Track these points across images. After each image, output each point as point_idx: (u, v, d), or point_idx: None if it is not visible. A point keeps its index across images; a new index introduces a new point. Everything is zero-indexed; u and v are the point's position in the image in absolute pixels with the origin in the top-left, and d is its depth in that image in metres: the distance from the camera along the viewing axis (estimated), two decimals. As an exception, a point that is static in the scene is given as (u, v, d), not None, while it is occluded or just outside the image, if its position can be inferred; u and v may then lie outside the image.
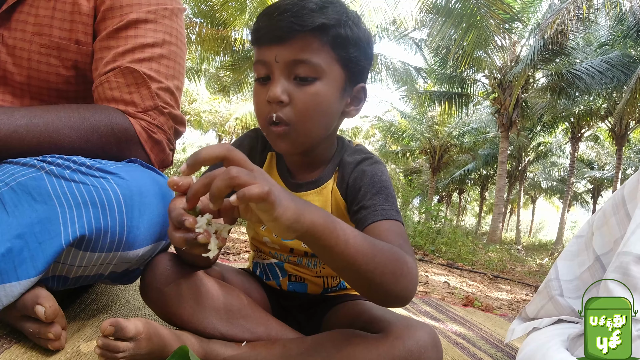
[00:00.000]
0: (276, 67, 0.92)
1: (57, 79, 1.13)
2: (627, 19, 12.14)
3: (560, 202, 30.84)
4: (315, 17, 0.90)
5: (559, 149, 25.36)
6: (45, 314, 0.83)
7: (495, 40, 11.77)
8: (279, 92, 0.91)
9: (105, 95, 1.09)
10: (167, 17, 1.15)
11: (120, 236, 0.90)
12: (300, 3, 0.91)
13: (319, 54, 0.92)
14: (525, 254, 14.27)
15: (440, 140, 20.41)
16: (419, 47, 16.08)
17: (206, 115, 26.19)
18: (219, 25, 11.37)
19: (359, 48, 0.97)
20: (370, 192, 0.98)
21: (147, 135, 1.09)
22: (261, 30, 0.94)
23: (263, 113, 0.95)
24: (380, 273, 0.78)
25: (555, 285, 1.17)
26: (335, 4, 0.95)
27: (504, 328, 2.37)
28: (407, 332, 0.88)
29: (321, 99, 0.94)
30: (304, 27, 0.90)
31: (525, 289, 5.23)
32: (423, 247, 7.66)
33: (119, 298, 1.34)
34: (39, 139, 0.96)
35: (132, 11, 1.10)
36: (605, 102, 15.76)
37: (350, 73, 0.98)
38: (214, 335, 0.96)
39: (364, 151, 1.09)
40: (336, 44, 0.93)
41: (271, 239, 1.11)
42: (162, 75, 1.12)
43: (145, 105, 1.10)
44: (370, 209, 0.95)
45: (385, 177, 1.02)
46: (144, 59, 1.10)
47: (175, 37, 1.17)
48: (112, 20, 1.10)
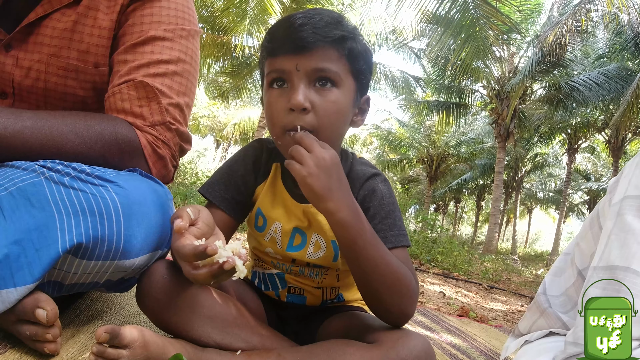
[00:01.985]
0: (297, 75, 0.94)
1: (74, 98, 1.16)
2: (625, 31, 12.24)
3: (556, 213, 30.89)
4: (334, 30, 0.94)
5: (556, 160, 25.48)
6: (47, 317, 0.84)
7: (494, 51, 11.83)
8: (302, 99, 0.93)
9: (115, 106, 1.11)
10: (184, 37, 1.18)
11: (117, 245, 0.90)
12: (317, 17, 0.95)
13: (337, 64, 0.96)
14: (521, 265, 14.28)
15: (437, 149, 20.47)
16: (417, 57, 16.16)
17: (204, 120, 26.23)
18: (219, 31, 11.39)
19: (366, 61, 1.02)
20: (380, 215, 1.02)
21: (151, 150, 1.10)
22: (279, 41, 0.96)
23: (281, 121, 0.96)
24: (391, 289, 0.91)
25: (543, 300, 1.19)
26: (344, 19, 1.00)
27: (498, 339, 2.38)
28: (401, 341, 0.89)
29: (340, 106, 0.97)
30: (326, 38, 0.93)
31: (521, 300, 5.24)
32: (419, 256, 7.66)
33: (114, 304, 1.34)
34: (42, 141, 0.96)
35: (151, 29, 1.13)
36: (602, 114, 15.85)
37: (360, 84, 1.03)
38: (209, 344, 0.96)
39: (369, 164, 1.11)
40: (351, 56, 0.98)
41: (274, 250, 1.11)
42: (173, 92, 1.14)
43: (153, 120, 1.11)
44: (379, 234, 0.97)
45: (393, 197, 1.06)
46: (157, 74, 1.12)
47: (190, 56, 1.19)
48: (132, 35, 1.13)
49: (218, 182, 1.09)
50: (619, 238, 0.89)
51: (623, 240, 0.88)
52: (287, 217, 1.08)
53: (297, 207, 1.07)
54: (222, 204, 1.06)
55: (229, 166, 1.11)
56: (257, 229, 1.11)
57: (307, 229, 1.08)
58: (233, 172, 1.10)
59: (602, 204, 1.08)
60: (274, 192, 1.10)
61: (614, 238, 0.90)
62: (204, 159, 23.95)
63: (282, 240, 1.09)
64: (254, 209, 1.12)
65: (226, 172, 1.10)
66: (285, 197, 1.09)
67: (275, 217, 1.09)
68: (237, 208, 1.09)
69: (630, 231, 0.87)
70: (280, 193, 1.09)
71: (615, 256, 0.88)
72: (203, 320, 0.96)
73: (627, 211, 0.89)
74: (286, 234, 1.08)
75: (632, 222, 0.88)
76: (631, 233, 0.87)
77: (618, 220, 0.90)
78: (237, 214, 1.09)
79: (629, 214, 0.89)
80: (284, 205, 1.09)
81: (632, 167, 0.94)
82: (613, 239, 0.90)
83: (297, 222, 1.08)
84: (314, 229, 1.07)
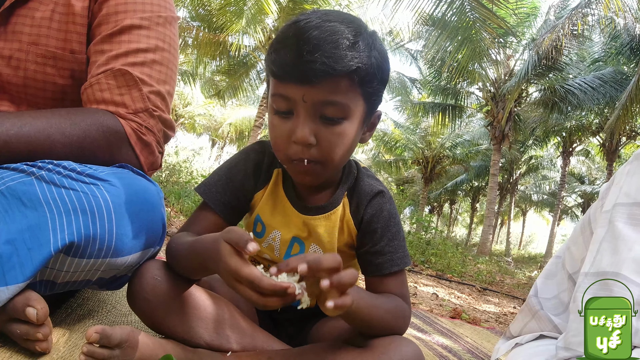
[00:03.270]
0: (302, 106, 0.88)
1: (54, 87, 1.14)
2: (620, 36, 12.29)
3: (550, 216, 30.95)
4: (349, 59, 0.85)
5: (550, 162, 25.56)
6: (37, 316, 0.83)
7: (490, 54, 11.86)
8: (307, 135, 0.88)
9: (94, 96, 1.09)
10: (160, 24, 1.16)
11: (109, 243, 0.90)
12: (332, 38, 0.84)
13: (347, 95, 0.89)
14: (514, 267, 14.33)
15: (433, 151, 20.50)
16: (414, 58, 16.19)
17: (200, 119, 26.17)
18: (216, 30, 11.37)
19: (381, 80, 0.94)
20: (387, 237, 1.03)
21: (136, 137, 1.09)
22: (287, 67, 0.86)
23: (285, 150, 0.93)
24: (388, 327, 0.95)
25: (535, 302, 1.20)
26: (364, 33, 0.90)
27: (490, 341, 2.39)
28: (392, 347, 0.90)
29: (348, 138, 0.93)
30: (338, 71, 0.84)
31: (514, 302, 5.26)
32: (413, 257, 7.67)
33: (106, 304, 1.34)
34: (29, 147, 0.96)
35: (127, 17, 1.11)
36: (597, 117, 15.92)
37: (371, 105, 0.96)
38: (200, 345, 0.96)
39: (375, 177, 1.09)
40: (364, 82, 0.90)
41: (272, 257, 1.10)
42: (153, 80, 1.13)
43: (136, 107, 1.10)
44: (387, 256, 1.01)
45: (398, 216, 1.07)
46: (136, 63, 1.11)
47: (168, 44, 1.18)
48: (107, 25, 1.11)
49: (216, 184, 1.06)
50: (610, 245, 0.90)
51: (614, 247, 0.89)
52: (287, 227, 1.06)
53: (298, 217, 1.05)
54: (217, 207, 1.04)
55: (229, 169, 1.08)
56: (255, 234, 1.10)
57: (306, 239, 1.07)
58: (232, 175, 1.07)
59: (593, 209, 1.09)
60: (274, 200, 1.08)
61: (605, 246, 0.91)
62: (199, 158, 23.90)
63: (280, 248, 1.08)
64: (253, 215, 1.10)
65: (225, 175, 1.07)
66: (286, 206, 1.07)
67: (274, 226, 1.07)
68: (232, 212, 1.07)
69: (621, 238, 0.88)
70: (281, 201, 1.07)
71: (606, 263, 0.89)
72: (194, 321, 0.96)
73: (619, 218, 0.90)
74: (285, 243, 1.07)
75: (622, 229, 0.89)
76: (622, 240, 0.88)
77: (610, 228, 0.91)
78: (231, 218, 1.07)
79: (620, 221, 0.90)
80: (284, 214, 1.07)
81: (623, 175, 0.95)
82: (605, 247, 0.91)
83: (297, 232, 1.06)
84: (312, 240, 1.06)
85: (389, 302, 0.97)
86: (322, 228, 1.04)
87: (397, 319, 0.97)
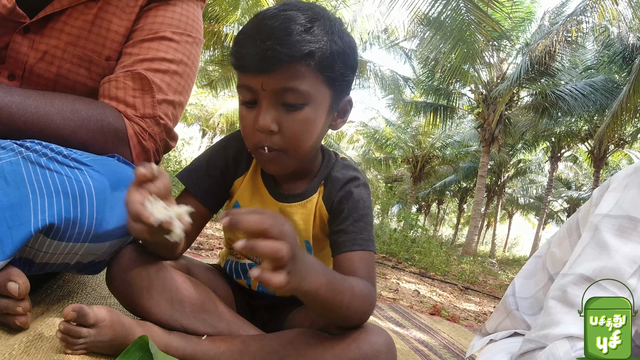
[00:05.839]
0: (263, 94, 0.90)
1: (83, 88, 1.18)
2: (614, 44, 12.41)
3: (536, 219, 31.24)
4: (302, 44, 0.86)
5: (539, 167, 25.78)
6: (18, 290, 0.85)
7: (483, 56, 11.91)
8: (269, 122, 0.90)
9: (109, 92, 1.13)
10: (189, 42, 1.23)
11: (89, 228, 0.91)
12: (285, 25, 0.86)
13: (306, 80, 0.90)
14: (498, 268, 14.44)
15: (423, 150, 20.57)
16: (408, 57, 16.21)
17: (191, 109, 26.00)
18: (210, 20, 11.32)
19: (345, 63, 0.94)
20: (353, 217, 1.02)
21: (137, 141, 1.12)
22: (245, 58, 0.89)
23: (251, 139, 0.96)
24: (353, 312, 0.90)
25: (511, 302, 1.22)
26: (321, 18, 0.91)
27: (467, 338, 2.42)
28: (364, 335, 0.92)
29: (310, 124, 0.94)
30: (291, 57, 0.86)
31: (495, 302, 5.31)
32: (397, 254, 7.72)
33: (86, 286, 1.35)
34: (26, 119, 0.97)
35: (161, 29, 1.18)
36: (586, 124, 16.06)
37: (337, 90, 0.97)
38: (176, 328, 0.98)
39: (352, 167, 1.11)
40: (323, 66, 0.90)
41: None
42: (170, 89, 1.17)
43: (144, 112, 1.13)
44: (350, 235, 1.00)
45: (368, 202, 1.06)
46: (158, 70, 1.15)
47: (191, 61, 1.24)
48: (142, 32, 1.18)
49: (197, 170, 1.09)
50: (593, 252, 0.92)
51: (597, 254, 0.91)
52: None
53: (275, 204, 1.08)
54: (197, 193, 1.07)
55: (210, 155, 1.11)
56: None
57: None
58: (213, 162, 1.10)
59: (582, 212, 1.10)
60: (253, 187, 1.11)
61: (589, 251, 0.93)
62: (189, 148, 23.75)
63: None
64: (232, 201, 1.12)
65: (206, 162, 1.10)
66: (263, 193, 1.09)
67: None
68: (213, 199, 1.10)
69: (605, 246, 0.91)
70: (259, 188, 1.10)
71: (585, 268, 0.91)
72: (171, 304, 0.97)
73: (606, 229, 0.92)
74: None
75: (608, 240, 0.91)
76: (605, 248, 0.91)
77: (595, 235, 0.94)
78: (212, 205, 1.10)
79: (608, 232, 0.92)
80: (262, 201, 1.09)
81: (621, 186, 0.96)
82: (588, 252, 0.93)
83: None
84: None
85: (352, 283, 0.91)
86: (297, 216, 1.06)
87: (363, 303, 0.91)
